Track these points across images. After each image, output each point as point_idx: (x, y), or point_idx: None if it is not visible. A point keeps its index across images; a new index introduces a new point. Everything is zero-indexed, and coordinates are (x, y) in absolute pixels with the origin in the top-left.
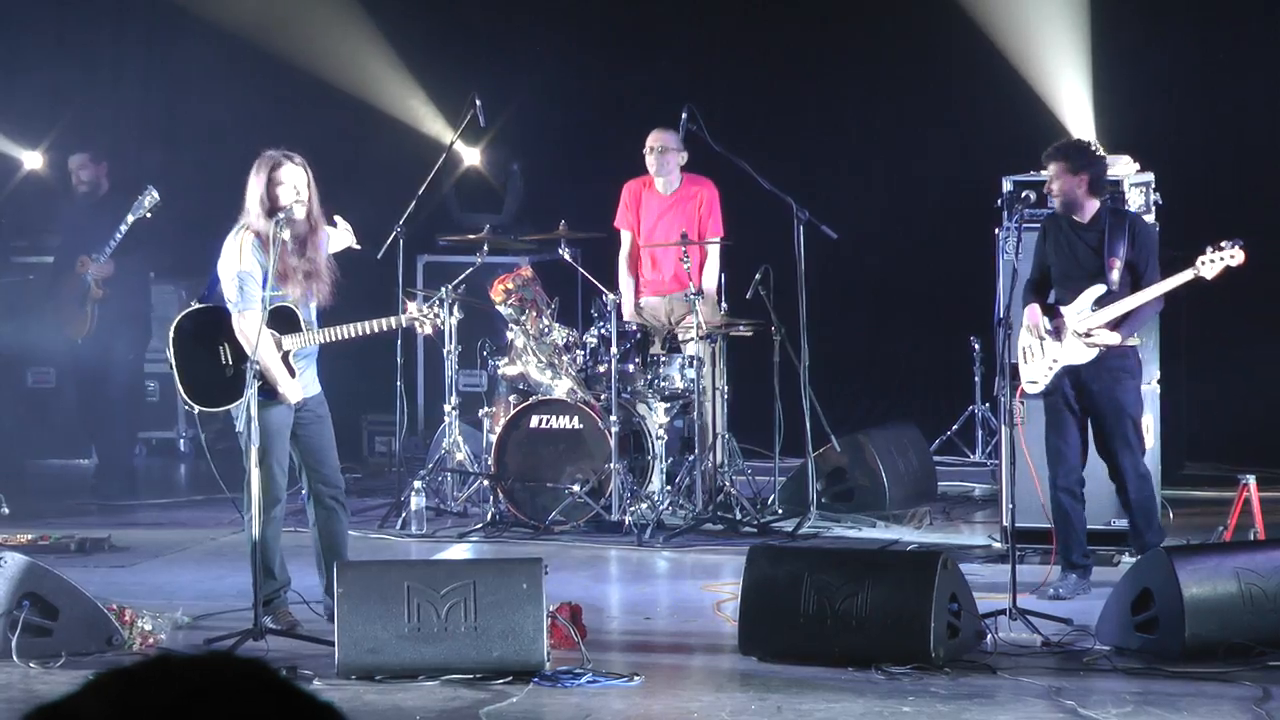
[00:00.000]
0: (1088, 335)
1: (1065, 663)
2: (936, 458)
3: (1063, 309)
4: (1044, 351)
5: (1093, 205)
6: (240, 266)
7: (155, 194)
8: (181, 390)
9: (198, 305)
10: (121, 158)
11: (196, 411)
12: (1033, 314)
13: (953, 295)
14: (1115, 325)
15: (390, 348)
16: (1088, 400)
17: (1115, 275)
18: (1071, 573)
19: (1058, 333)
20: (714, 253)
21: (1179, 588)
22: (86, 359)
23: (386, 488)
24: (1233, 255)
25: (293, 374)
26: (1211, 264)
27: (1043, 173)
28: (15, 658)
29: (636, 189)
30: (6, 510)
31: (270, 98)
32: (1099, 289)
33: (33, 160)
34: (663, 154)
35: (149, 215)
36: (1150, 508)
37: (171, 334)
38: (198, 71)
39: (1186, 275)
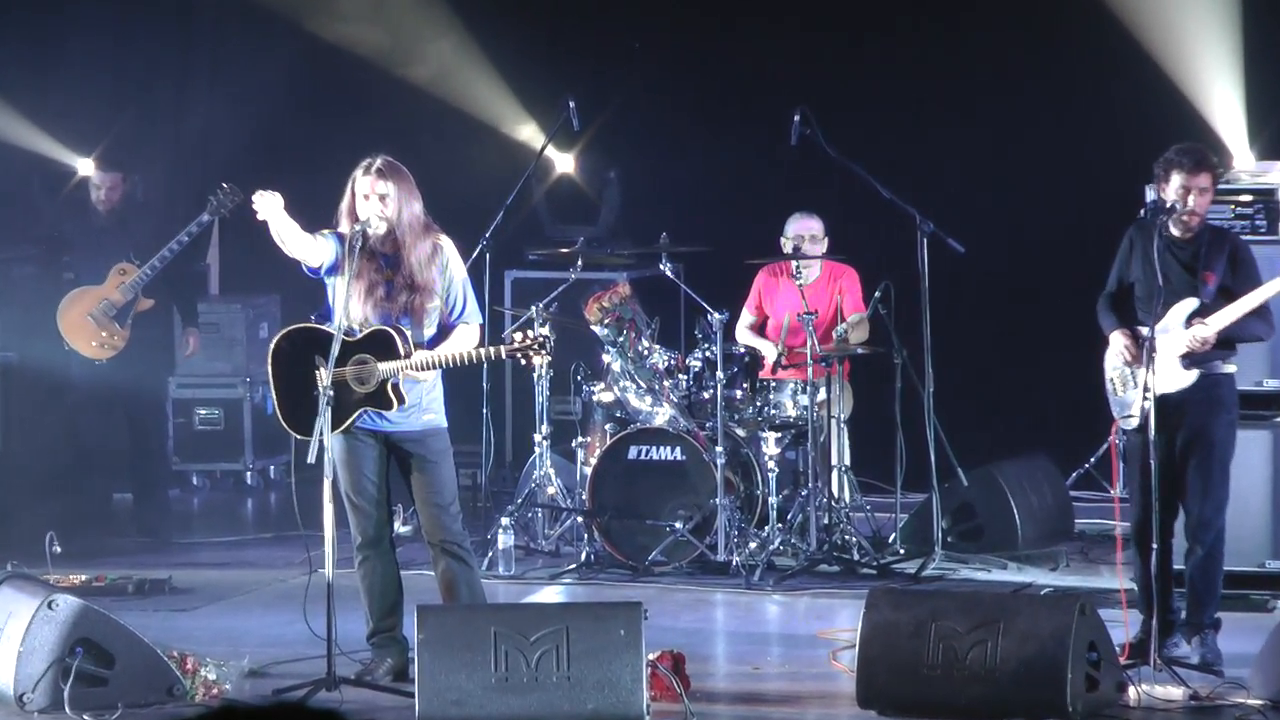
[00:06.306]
0: (1192, 341)
1: (1215, 718)
2: (1073, 492)
3: (1146, 331)
4: (1136, 379)
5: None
6: None
7: (230, 190)
8: (279, 415)
9: (300, 324)
10: (182, 168)
11: (296, 439)
12: (1122, 337)
13: (1091, 313)
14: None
15: (475, 371)
16: (1174, 434)
17: (1212, 289)
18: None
19: (1150, 357)
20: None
21: None
22: (117, 383)
23: (472, 525)
24: None
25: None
26: None
27: (1199, 179)
28: (68, 709)
29: (770, 281)
30: (58, 549)
31: (348, 102)
32: (1191, 303)
33: (86, 167)
34: (811, 244)
35: (226, 215)
36: (1215, 575)
37: (270, 354)
38: (268, 74)
39: None
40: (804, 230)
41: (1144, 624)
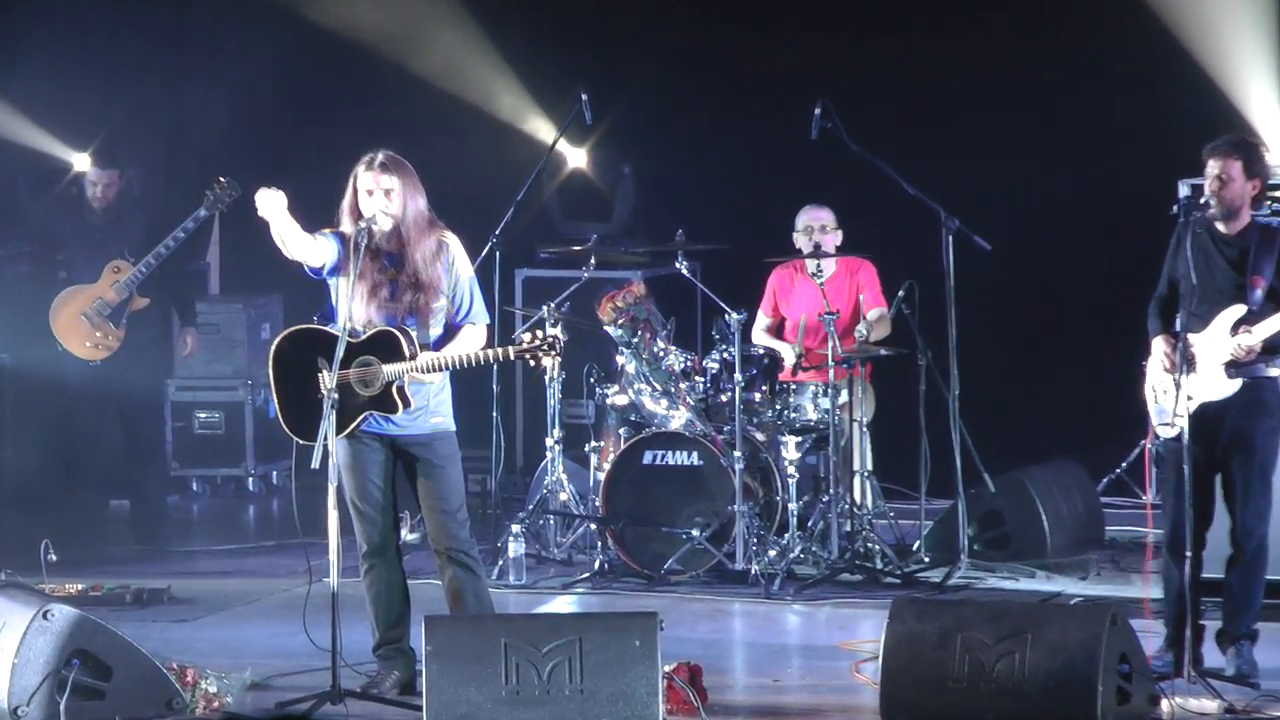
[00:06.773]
0: (1237, 350)
1: None
2: (1104, 499)
3: (1192, 336)
4: (1178, 387)
5: (1245, 218)
6: None
7: (227, 184)
8: (281, 421)
9: (302, 325)
10: (179, 162)
11: (298, 444)
12: (1164, 343)
13: (1122, 313)
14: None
15: (485, 374)
16: (1214, 443)
17: (1259, 294)
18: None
19: (1191, 363)
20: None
21: None
22: (112, 385)
23: (481, 532)
24: None
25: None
26: None
27: (1209, 167)
28: None
29: (785, 281)
30: (54, 557)
31: (351, 95)
32: (1238, 309)
33: (80, 163)
34: (822, 234)
35: (223, 210)
36: (1255, 585)
37: (271, 356)
38: (268, 66)
39: None
40: (815, 221)
41: (1168, 635)
